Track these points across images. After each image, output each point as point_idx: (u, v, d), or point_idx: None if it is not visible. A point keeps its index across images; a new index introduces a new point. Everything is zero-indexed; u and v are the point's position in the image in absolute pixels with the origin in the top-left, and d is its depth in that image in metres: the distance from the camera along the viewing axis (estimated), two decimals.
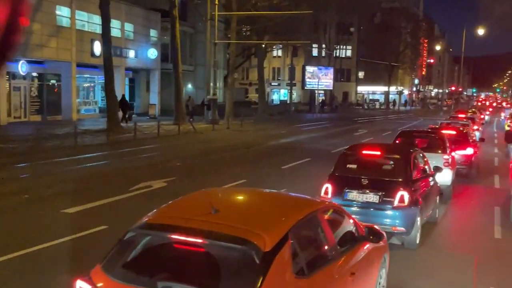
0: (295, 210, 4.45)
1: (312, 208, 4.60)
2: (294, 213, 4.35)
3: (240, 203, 4.67)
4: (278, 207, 4.65)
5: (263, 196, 5.20)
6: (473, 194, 13.81)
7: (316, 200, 5.21)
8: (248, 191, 5.62)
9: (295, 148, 23.16)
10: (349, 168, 9.09)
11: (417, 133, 14.58)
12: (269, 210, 4.50)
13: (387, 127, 38.19)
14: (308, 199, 5.36)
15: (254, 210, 4.44)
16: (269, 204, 4.77)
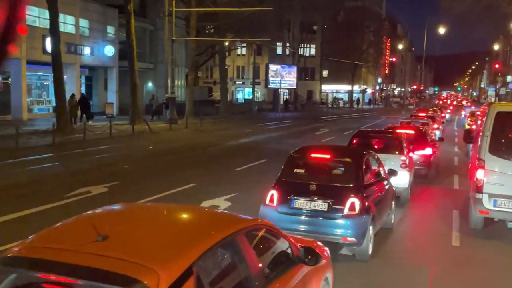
0: (207, 234, 3.59)
1: (230, 229, 3.76)
2: (206, 237, 3.50)
3: (139, 226, 3.71)
4: (187, 230, 3.76)
5: (173, 214, 4.26)
6: (432, 197, 13.30)
7: (240, 218, 4.36)
8: (156, 208, 4.62)
9: (253, 148, 22.39)
10: (296, 172, 8.33)
11: (374, 133, 13.98)
12: (175, 234, 3.61)
13: (349, 126, 37.84)
14: (229, 217, 4.48)
15: (154, 235, 3.53)
16: (177, 226, 3.86)
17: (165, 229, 3.69)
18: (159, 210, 4.43)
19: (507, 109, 9.39)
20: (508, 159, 8.97)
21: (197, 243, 3.37)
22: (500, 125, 9.14)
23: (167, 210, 4.39)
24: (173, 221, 4.01)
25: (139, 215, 4.21)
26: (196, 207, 4.79)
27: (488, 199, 9.05)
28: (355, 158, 8.34)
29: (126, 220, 3.93)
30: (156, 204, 4.78)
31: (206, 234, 3.59)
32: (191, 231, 3.72)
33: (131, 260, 3.06)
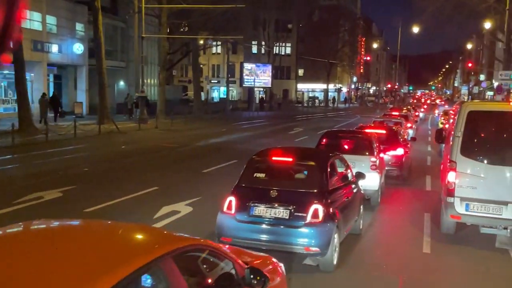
0: (121, 262, 2.94)
1: (154, 254, 3.12)
2: (118, 267, 2.84)
3: (37, 254, 3.00)
4: (97, 258, 3.06)
5: (90, 235, 3.56)
6: (403, 199, 12.86)
7: (171, 238, 3.72)
8: (69, 229, 3.84)
9: (224, 148, 21.75)
10: (257, 177, 7.74)
11: (343, 133, 13.47)
12: (79, 264, 2.90)
13: (324, 125, 37.45)
14: (157, 238, 3.74)
15: (52, 266, 2.83)
16: (86, 252, 3.15)
17: (72, 256, 3.02)
18: (72, 230, 3.74)
19: (480, 108, 8.97)
20: (480, 161, 8.54)
21: (109, 274, 2.73)
22: (472, 125, 8.71)
23: (84, 230, 3.72)
24: (89, 243, 3.31)
25: (48, 234, 3.53)
26: (122, 225, 4.09)
27: (460, 203, 8.60)
28: (319, 161, 7.79)
29: (24, 245, 3.24)
30: (72, 223, 4.03)
31: (122, 261, 2.95)
32: (106, 257, 3.04)
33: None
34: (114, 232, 3.65)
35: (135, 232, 3.76)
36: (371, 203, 11.66)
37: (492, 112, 8.79)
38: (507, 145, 8.43)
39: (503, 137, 8.69)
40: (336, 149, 11.95)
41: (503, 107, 8.80)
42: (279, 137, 28.07)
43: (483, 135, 8.94)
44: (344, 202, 8.06)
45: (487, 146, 8.76)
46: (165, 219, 9.82)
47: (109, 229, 3.78)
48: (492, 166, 8.45)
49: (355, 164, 11.50)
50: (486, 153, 8.60)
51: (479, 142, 8.85)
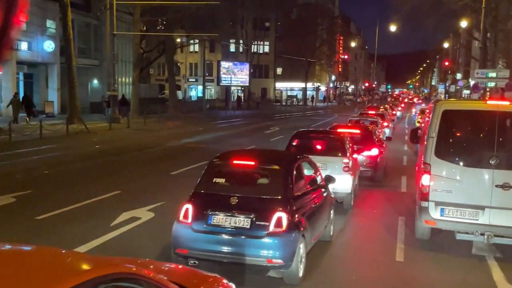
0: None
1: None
2: None
3: None
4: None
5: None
6: (377, 202, 12.37)
7: (96, 263, 3.08)
8: None
9: (195, 149, 21.07)
10: (216, 183, 7.11)
11: (315, 134, 12.90)
12: None
13: (301, 124, 36.98)
14: (67, 267, 3.09)
15: None
16: None
17: None
18: None
19: (455, 107, 8.49)
20: (456, 163, 8.06)
21: None
22: (447, 125, 8.22)
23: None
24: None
25: None
26: (29, 251, 3.39)
27: (435, 207, 8.12)
28: (283, 165, 7.20)
29: None
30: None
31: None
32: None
33: None
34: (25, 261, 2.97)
35: (36, 259, 3.08)
36: (344, 207, 11.16)
37: (468, 111, 8.32)
38: (484, 146, 7.96)
39: (479, 138, 8.23)
40: (307, 150, 11.42)
41: (479, 106, 8.33)
42: (255, 136, 27.50)
43: (459, 136, 8.47)
44: (312, 208, 7.50)
45: (463, 147, 8.28)
46: (123, 226, 9.15)
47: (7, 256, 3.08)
48: (468, 169, 7.98)
49: (327, 166, 11.00)
50: (462, 155, 8.12)
51: (455, 143, 8.37)
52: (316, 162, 11.00)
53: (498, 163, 7.75)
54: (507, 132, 8.11)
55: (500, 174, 7.76)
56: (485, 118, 8.07)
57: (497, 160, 7.75)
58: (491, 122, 7.92)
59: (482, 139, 8.13)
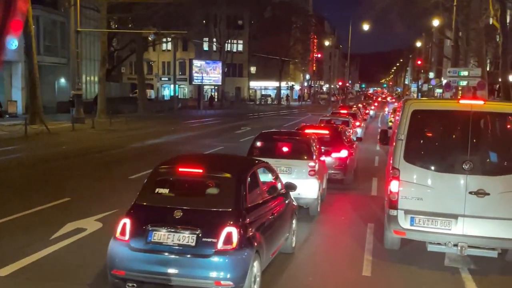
0: None
1: None
2: None
3: None
4: None
5: None
6: (346, 207, 11.70)
7: None
8: None
9: (160, 151, 20.14)
10: (159, 193, 6.29)
11: (279, 135, 12.12)
12: None
13: (274, 123, 36.37)
14: None
15: None
16: None
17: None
18: None
19: (425, 106, 7.82)
20: (427, 168, 7.40)
21: None
22: (417, 127, 7.57)
23: None
24: None
25: None
26: None
27: (405, 216, 7.45)
28: (236, 173, 6.41)
29: None
30: None
31: None
32: None
33: None
34: None
35: None
36: (310, 213, 10.46)
37: (439, 111, 7.66)
38: (457, 149, 7.32)
39: (452, 140, 7.59)
40: (271, 153, 10.73)
41: (451, 106, 7.68)
42: (224, 136, 26.71)
43: (430, 138, 7.82)
44: (270, 219, 6.75)
45: (434, 150, 7.62)
46: (64, 240, 8.25)
47: None
48: (440, 174, 7.33)
49: (291, 170, 10.30)
50: (433, 159, 7.47)
51: (425, 146, 7.72)
52: (281, 166, 10.34)
53: (472, 168, 7.12)
54: (482, 134, 7.49)
55: (474, 180, 7.14)
56: (458, 119, 7.44)
57: (470, 165, 7.12)
58: (464, 123, 7.29)
59: (455, 141, 7.50)
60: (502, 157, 7.39)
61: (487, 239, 7.15)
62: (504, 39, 26.54)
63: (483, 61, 36.60)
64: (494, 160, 7.37)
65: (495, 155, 7.37)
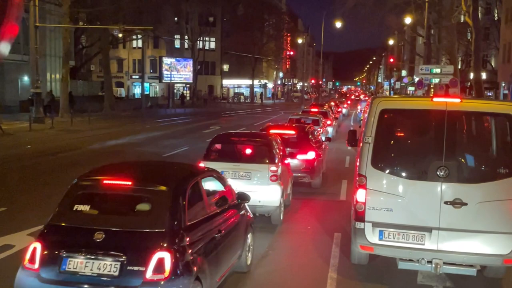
0: None
1: None
2: None
3: None
4: None
5: None
6: (312, 214, 10.78)
7: None
8: None
9: (119, 153, 18.98)
10: (78, 211, 5.24)
11: (238, 137, 11.05)
12: None
13: (245, 122, 35.44)
14: None
15: None
16: None
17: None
18: None
19: (395, 105, 6.90)
20: (397, 175, 6.52)
21: None
22: (386, 128, 6.68)
23: None
24: None
25: None
26: None
27: (373, 230, 6.56)
28: (173, 184, 5.39)
29: None
30: None
31: None
32: None
33: None
34: None
35: None
36: (272, 222, 9.54)
37: (410, 110, 6.75)
38: (430, 153, 6.46)
39: (425, 143, 6.71)
40: (229, 157, 9.78)
41: (424, 104, 6.78)
42: (191, 137, 25.63)
43: (400, 141, 6.92)
44: (216, 238, 5.76)
45: (405, 155, 6.73)
46: None
47: None
48: (412, 182, 6.45)
49: (251, 175, 9.35)
50: (404, 165, 6.59)
51: (395, 150, 6.82)
52: (239, 171, 9.38)
53: (448, 174, 6.27)
54: (458, 135, 6.62)
55: (450, 188, 6.29)
56: (432, 119, 6.58)
57: (446, 171, 6.26)
58: (439, 124, 6.43)
59: (428, 145, 6.62)
60: (481, 162, 6.56)
61: (465, 255, 6.31)
62: (476, 35, 26.11)
63: (455, 59, 36.36)
64: (472, 165, 6.52)
65: (473, 160, 6.53)
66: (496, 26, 45.75)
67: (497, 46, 45.59)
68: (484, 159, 6.54)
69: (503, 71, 42.23)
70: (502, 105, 6.52)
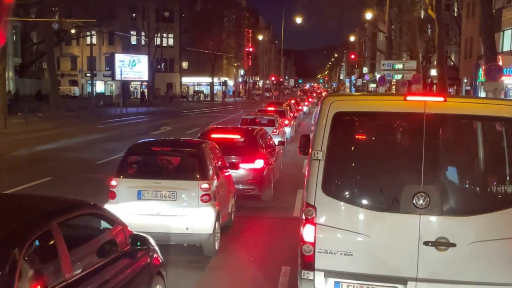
0: None
1: None
2: None
3: None
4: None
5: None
6: (256, 239, 8.87)
7: None
8: None
9: (47, 159, 16.68)
10: None
11: (160, 146, 8.70)
12: None
13: (200, 122, 33.28)
14: None
15: None
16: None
17: None
18: None
19: (353, 107, 4.92)
20: (357, 204, 4.66)
21: None
22: (343, 138, 4.83)
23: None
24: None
25: None
26: None
27: (325, 281, 4.69)
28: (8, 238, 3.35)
29: None
30: None
31: None
32: None
33: None
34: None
35: None
36: (204, 253, 7.59)
37: (375, 114, 4.84)
38: (404, 174, 4.61)
39: (397, 160, 4.79)
40: (148, 172, 7.78)
41: (394, 105, 4.87)
42: (136, 139, 23.26)
43: (363, 157, 4.96)
44: None
45: (370, 177, 4.81)
46: None
47: None
48: (379, 214, 4.60)
49: (177, 195, 7.38)
50: (368, 190, 4.73)
51: (357, 170, 4.88)
52: (162, 190, 7.37)
53: (428, 203, 4.45)
54: (442, 148, 4.73)
55: (431, 223, 4.47)
56: (405, 126, 4.75)
57: (426, 199, 4.44)
58: (415, 132, 4.60)
59: (401, 161, 4.75)
60: (475, 186, 4.73)
61: None
62: (440, 29, 24.75)
63: (417, 54, 35.20)
64: (463, 190, 4.69)
65: (464, 183, 4.71)
66: (457, 21, 45.07)
67: (458, 42, 44.92)
68: (480, 182, 4.70)
69: (464, 67, 41.50)
70: (503, 105, 4.71)
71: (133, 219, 7.20)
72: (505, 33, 32.93)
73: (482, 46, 35.56)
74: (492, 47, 17.83)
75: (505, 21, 32.32)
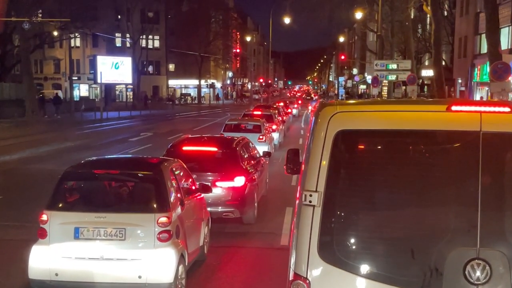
0: None
1: None
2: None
3: None
4: None
5: None
6: (234, 281, 7.11)
7: None
8: None
9: (7, 172, 14.84)
10: None
11: (106, 167, 6.20)
12: None
13: (183, 127, 31.50)
14: None
15: None
16: None
17: None
18: None
19: (366, 122, 3.17)
20: (376, 278, 2.95)
21: None
22: (350, 171, 3.10)
23: None
24: None
25: None
26: None
27: None
28: None
29: None
30: None
31: None
32: None
33: None
34: None
35: None
36: None
37: (401, 134, 3.07)
38: (450, 231, 2.91)
39: (438, 208, 3.05)
40: (89, 202, 6.01)
41: (433, 120, 3.06)
42: (113, 147, 21.64)
43: (384, 203, 3.18)
44: None
45: (380, 235, 3.06)
46: None
47: None
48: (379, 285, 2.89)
49: (125, 233, 5.63)
50: (384, 257, 3.01)
51: (372, 224, 3.13)
52: (106, 227, 5.62)
53: (489, 276, 2.76)
54: (509, 189, 3.03)
55: None
56: (450, 153, 3.06)
57: (485, 269, 2.75)
58: (466, 164, 2.91)
59: (444, 210, 3.03)
60: None
61: None
62: (436, 26, 23.23)
63: (411, 53, 33.76)
64: None
65: None
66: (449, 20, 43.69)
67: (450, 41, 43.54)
68: None
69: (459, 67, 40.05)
70: None
71: (69, 265, 5.55)
72: (502, 31, 31.54)
73: (476, 45, 34.34)
74: (496, 43, 16.33)
75: (502, 19, 30.94)
